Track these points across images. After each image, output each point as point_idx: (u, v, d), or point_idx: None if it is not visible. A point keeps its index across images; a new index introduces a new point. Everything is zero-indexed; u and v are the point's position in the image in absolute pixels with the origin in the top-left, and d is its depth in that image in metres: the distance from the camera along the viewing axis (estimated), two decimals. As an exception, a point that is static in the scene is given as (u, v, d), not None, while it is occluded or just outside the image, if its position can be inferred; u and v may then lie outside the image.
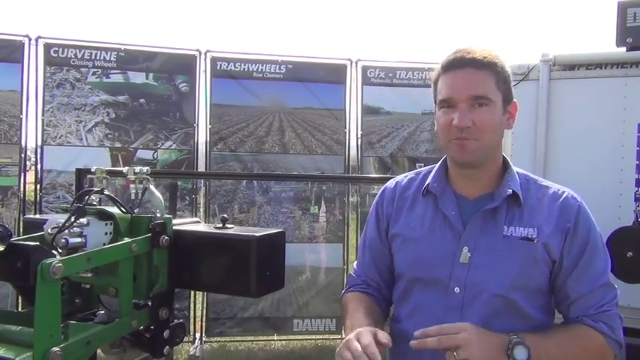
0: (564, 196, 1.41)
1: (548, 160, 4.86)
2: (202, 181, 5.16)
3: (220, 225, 1.38)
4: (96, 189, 1.26)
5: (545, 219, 1.37)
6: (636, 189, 4.14)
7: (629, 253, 3.74)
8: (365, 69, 5.39)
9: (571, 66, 4.86)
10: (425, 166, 1.65)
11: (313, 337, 5.16)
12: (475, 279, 1.35)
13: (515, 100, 1.43)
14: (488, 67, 1.35)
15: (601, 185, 4.55)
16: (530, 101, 4.96)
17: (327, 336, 5.26)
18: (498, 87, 1.36)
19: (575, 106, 4.80)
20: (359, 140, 5.37)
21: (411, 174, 1.60)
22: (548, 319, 1.42)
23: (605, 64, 4.66)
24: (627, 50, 4.10)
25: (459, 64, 1.36)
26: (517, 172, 1.45)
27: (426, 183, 1.49)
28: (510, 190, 1.38)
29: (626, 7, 3.97)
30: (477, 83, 1.34)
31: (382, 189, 1.62)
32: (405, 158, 5.44)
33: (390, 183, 1.61)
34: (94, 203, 1.26)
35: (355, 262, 1.67)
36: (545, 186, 1.44)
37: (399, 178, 1.61)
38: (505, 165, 1.46)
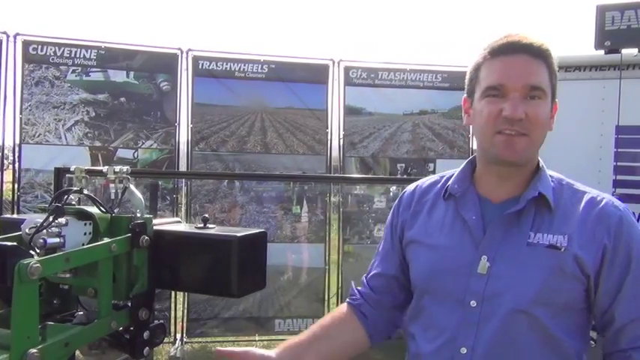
0: (603, 203, 1.23)
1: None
2: (183, 180, 5.14)
3: (201, 225, 1.37)
4: (75, 188, 1.24)
5: (578, 227, 1.20)
6: (614, 190, 4.20)
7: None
8: (347, 69, 5.40)
9: (550, 68, 4.93)
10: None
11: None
12: (493, 292, 1.21)
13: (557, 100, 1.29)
14: (543, 57, 1.22)
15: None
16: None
17: (308, 336, 5.25)
18: (550, 81, 1.23)
19: (554, 107, 4.87)
20: (341, 140, 5.38)
21: (434, 177, 1.44)
22: (581, 345, 1.25)
23: (583, 67, 4.72)
24: (605, 53, 4.16)
25: (512, 48, 1.22)
26: (550, 175, 1.30)
27: (447, 184, 1.35)
28: (537, 192, 1.23)
29: (605, 11, 4.01)
30: (533, 72, 1.20)
31: (401, 193, 1.47)
32: (387, 159, 5.44)
33: (410, 187, 1.45)
34: (73, 203, 1.24)
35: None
36: (582, 191, 1.28)
37: (420, 181, 1.46)
38: (538, 167, 1.31)
